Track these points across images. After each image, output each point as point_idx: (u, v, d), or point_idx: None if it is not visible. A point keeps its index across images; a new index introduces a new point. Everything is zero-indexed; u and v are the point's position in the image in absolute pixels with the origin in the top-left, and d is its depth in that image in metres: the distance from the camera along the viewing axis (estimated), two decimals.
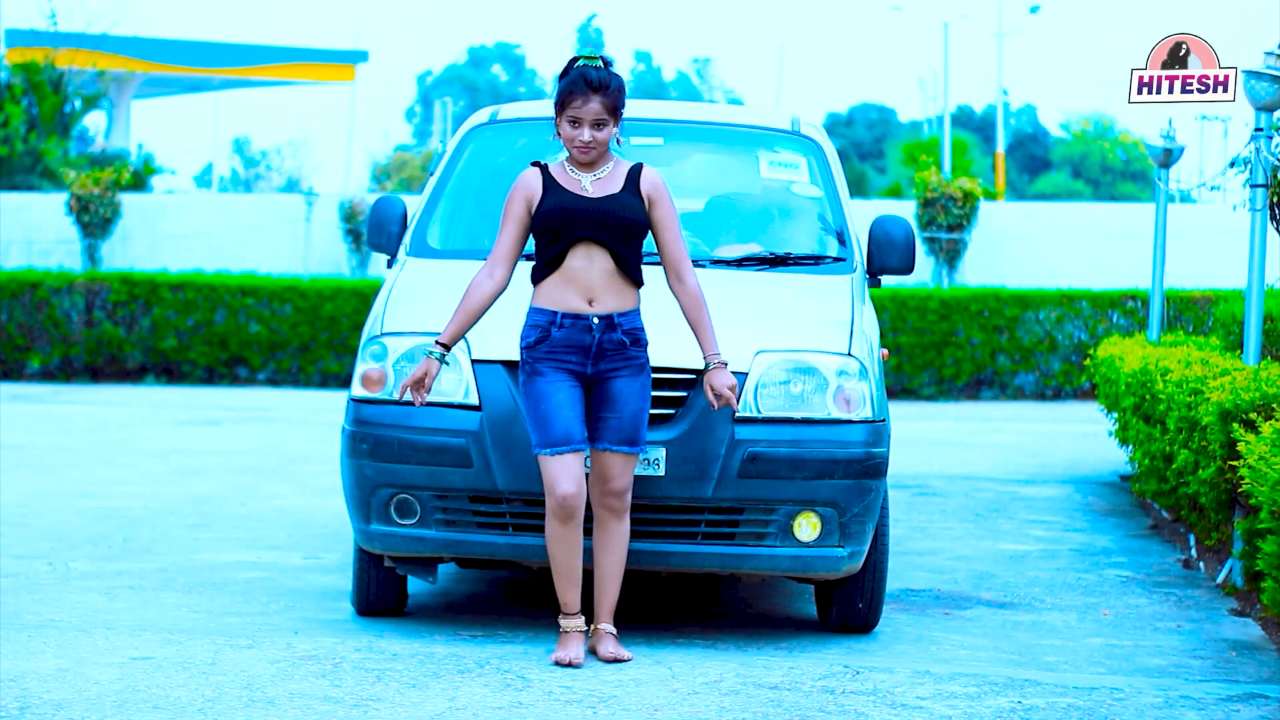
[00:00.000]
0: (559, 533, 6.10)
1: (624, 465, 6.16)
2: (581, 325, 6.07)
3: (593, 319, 6.07)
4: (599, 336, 6.08)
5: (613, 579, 6.22)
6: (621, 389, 6.12)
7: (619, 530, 6.20)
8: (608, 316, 6.09)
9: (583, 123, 6.06)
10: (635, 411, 6.12)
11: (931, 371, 20.70)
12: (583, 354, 6.09)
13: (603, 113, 6.05)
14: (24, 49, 37.34)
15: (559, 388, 6.07)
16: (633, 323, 6.14)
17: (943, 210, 23.79)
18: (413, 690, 5.79)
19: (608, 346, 6.09)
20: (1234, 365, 8.49)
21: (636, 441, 6.15)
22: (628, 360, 6.13)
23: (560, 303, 6.08)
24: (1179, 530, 9.83)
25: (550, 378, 6.07)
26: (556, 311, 6.08)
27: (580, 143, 6.07)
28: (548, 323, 6.08)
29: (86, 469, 12.08)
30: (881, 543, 6.87)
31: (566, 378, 6.09)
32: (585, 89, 6.04)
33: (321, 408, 17.47)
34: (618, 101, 6.10)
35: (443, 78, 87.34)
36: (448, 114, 56.89)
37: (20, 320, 21.04)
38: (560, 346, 6.08)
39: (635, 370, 6.14)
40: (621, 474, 6.16)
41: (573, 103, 6.05)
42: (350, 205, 25.90)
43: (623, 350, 6.11)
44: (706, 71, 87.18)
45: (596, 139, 6.08)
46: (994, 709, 5.76)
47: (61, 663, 6.05)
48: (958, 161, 46.43)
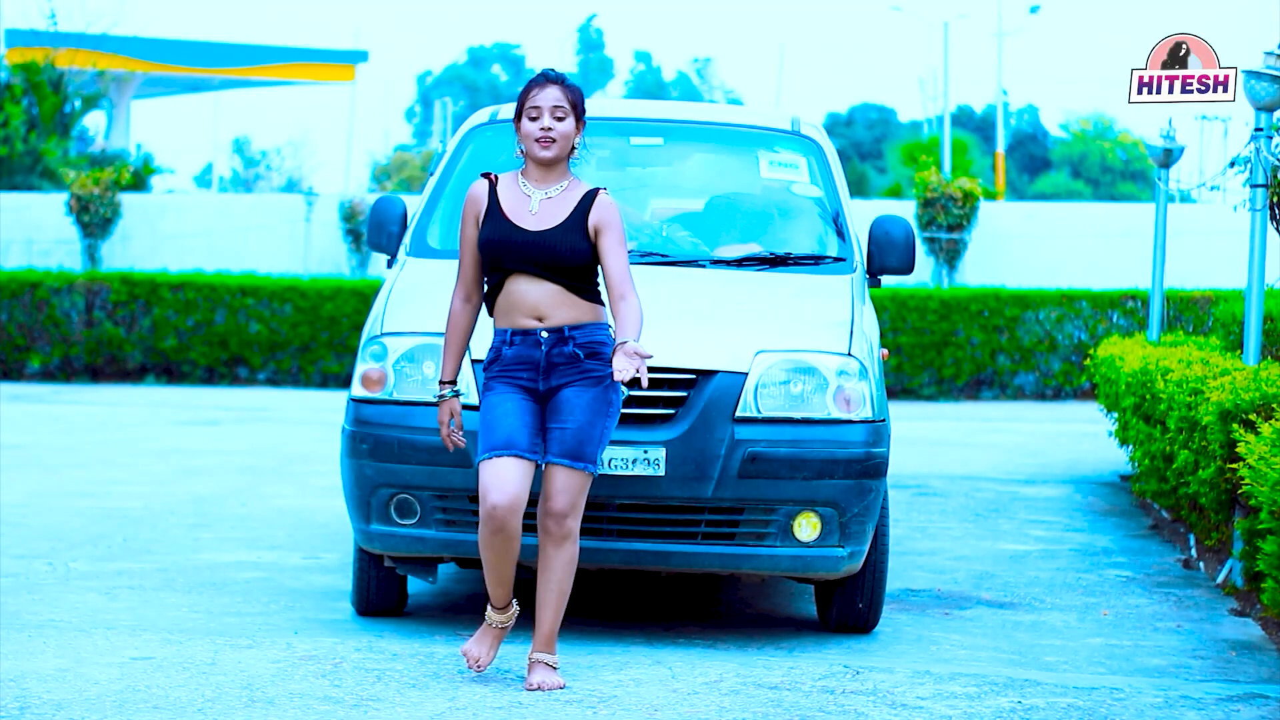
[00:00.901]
0: (487, 540, 5.78)
1: (566, 482, 5.78)
2: (531, 340, 5.84)
3: (541, 333, 5.83)
4: (547, 349, 5.83)
5: (549, 606, 5.82)
6: (569, 398, 5.81)
7: (557, 557, 5.80)
8: (558, 329, 5.83)
9: (543, 111, 5.86)
10: (581, 424, 5.78)
11: (931, 371, 20.70)
12: (533, 369, 5.84)
13: (562, 100, 5.87)
14: (24, 49, 37.34)
15: (508, 399, 5.84)
16: (590, 336, 5.85)
17: (943, 210, 23.79)
18: (413, 690, 5.79)
19: (558, 360, 5.83)
20: (1234, 365, 8.49)
21: (581, 456, 5.77)
22: (583, 373, 5.83)
23: (510, 321, 5.87)
24: (1179, 530, 9.83)
25: (499, 391, 5.86)
26: (508, 330, 5.88)
27: (540, 131, 5.85)
28: (500, 342, 5.90)
29: (86, 469, 12.08)
30: (881, 543, 6.87)
31: (519, 392, 5.86)
32: (543, 81, 5.92)
33: (321, 408, 17.47)
34: (577, 98, 5.93)
35: (443, 78, 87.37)
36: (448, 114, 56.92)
37: (20, 320, 21.04)
38: (512, 363, 5.86)
39: (591, 382, 5.82)
40: (561, 492, 5.77)
41: (530, 95, 5.89)
42: (350, 205, 25.90)
43: (576, 363, 5.83)
44: (706, 71, 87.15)
45: (557, 129, 5.86)
46: (994, 709, 5.76)
47: (61, 663, 6.05)
48: (958, 161, 46.44)
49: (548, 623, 5.85)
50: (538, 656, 5.86)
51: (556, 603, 5.83)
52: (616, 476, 6.40)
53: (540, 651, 5.86)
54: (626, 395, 6.42)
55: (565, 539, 5.81)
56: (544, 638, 5.86)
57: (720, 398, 6.46)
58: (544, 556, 5.83)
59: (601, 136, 7.72)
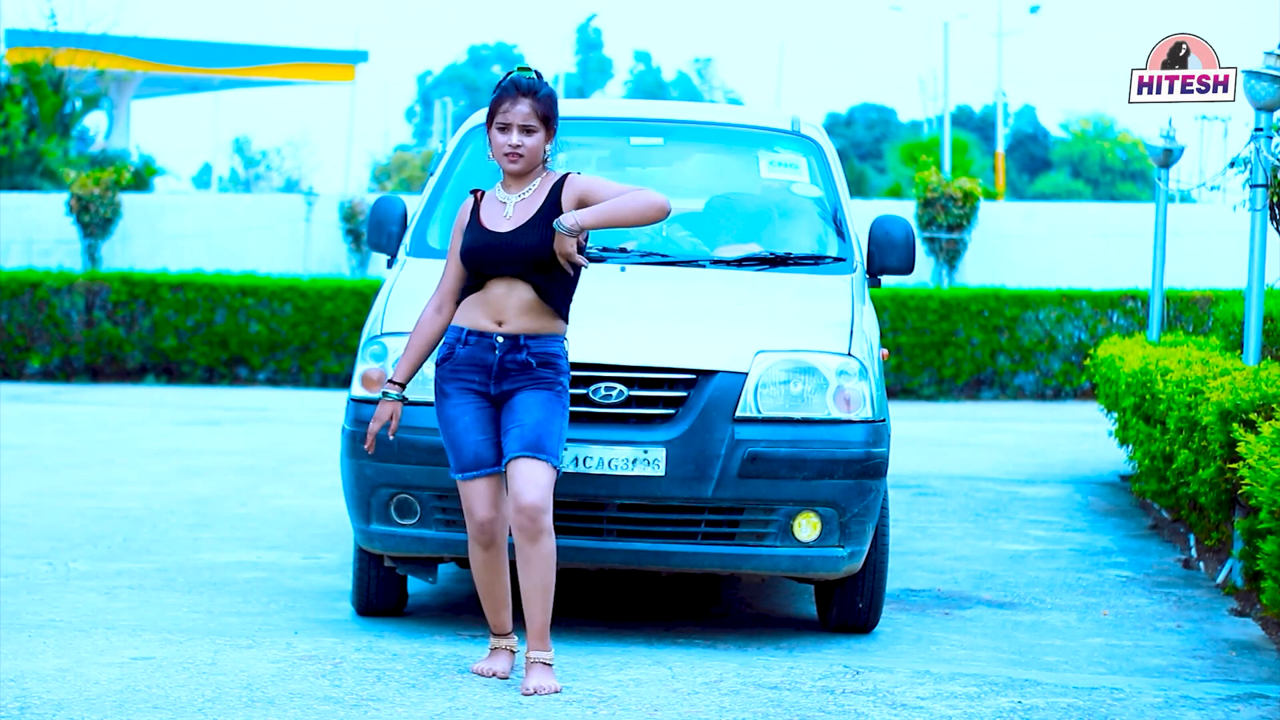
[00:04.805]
0: (480, 558, 5.93)
1: (530, 473, 5.76)
2: (485, 344, 5.86)
3: (496, 337, 5.86)
4: (500, 355, 5.85)
5: (535, 603, 5.82)
6: (523, 399, 5.83)
7: (535, 554, 5.77)
8: (514, 337, 5.85)
9: (511, 127, 5.87)
10: (539, 419, 5.79)
11: (931, 371, 20.70)
12: (484, 372, 5.87)
13: (532, 117, 5.87)
14: (24, 49, 37.33)
15: (465, 410, 5.89)
16: (545, 347, 5.86)
17: (943, 210, 23.79)
18: (413, 690, 5.79)
19: (510, 366, 5.85)
20: (1234, 365, 8.49)
21: (542, 449, 5.77)
22: (534, 379, 5.86)
23: (470, 320, 5.90)
24: (1179, 530, 9.83)
25: (455, 399, 5.90)
26: (464, 328, 5.91)
27: (509, 147, 5.88)
28: (454, 340, 5.92)
29: (86, 469, 12.08)
30: (881, 543, 6.87)
31: (472, 398, 5.89)
32: (514, 93, 5.89)
33: (321, 408, 17.48)
34: (549, 110, 5.91)
35: (443, 78, 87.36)
36: (448, 114, 56.91)
37: (20, 320, 21.05)
38: (463, 364, 5.89)
39: (542, 385, 5.84)
40: (528, 484, 5.75)
41: (501, 107, 5.89)
42: (350, 205, 25.90)
43: (528, 370, 5.85)
44: (706, 71, 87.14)
45: (526, 145, 5.87)
46: (994, 709, 5.76)
47: (61, 663, 6.05)
48: (958, 161, 46.44)
49: (537, 620, 5.84)
50: (535, 656, 5.86)
51: (542, 599, 5.81)
52: (616, 476, 6.40)
53: (536, 650, 5.85)
54: (626, 396, 6.43)
55: (540, 534, 5.76)
56: (536, 634, 5.85)
57: (720, 398, 6.46)
58: (522, 556, 5.81)
59: (601, 136, 7.72)
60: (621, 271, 7.03)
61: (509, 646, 6.04)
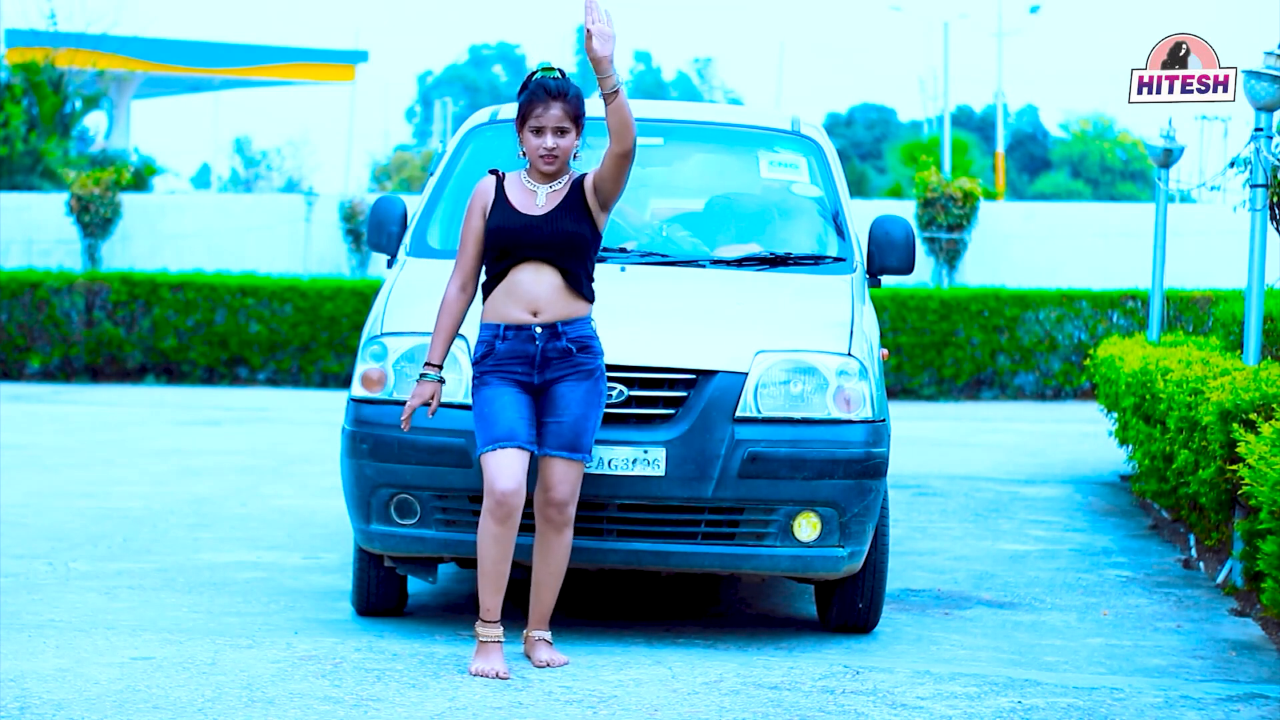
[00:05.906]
0: (492, 532, 5.95)
1: (565, 473, 6.05)
2: (525, 335, 6.05)
3: (535, 328, 6.05)
4: (542, 345, 6.04)
5: (548, 587, 6.15)
6: (564, 393, 6.05)
7: (558, 543, 6.11)
8: (551, 325, 6.06)
9: (545, 130, 6.07)
10: (577, 417, 6.05)
11: (931, 371, 20.70)
12: (528, 363, 6.05)
13: (564, 119, 6.06)
14: (24, 49, 37.32)
15: (504, 392, 6.04)
16: (580, 330, 6.08)
17: (943, 210, 23.79)
18: (413, 690, 5.79)
19: (552, 355, 6.05)
20: (1234, 365, 8.49)
21: (578, 448, 6.05)
22: (575, 366, 6.07)
23: (504, 316, 6.07)
24: (1179, 530, 9.83)
25: (496, 386, 6.05)
26: (500, 324, 6.07)
27: (544, 150, 6.07)
28: (492, 337, 6.08)
29: (86, 469, 12.08)
30: (881, 543, 6.87)
31: (513, 386, 6.06)
32: (545, 97, 6.07)
33: (321, 408, 17.48)
34: (579, 109, 6.11)
35: (443, 78, 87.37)
36: (448, 114, 56.86)
37: (20, 320, 21.04)
38: (505, 358, 6.06)
39: (582, 375, 6.07)
40: (562, 482, 6.05)
41: (534, 111, 6.07)
42: (350, 205, 25.89)
43: (569, 357, 6.06)
44: (706, 71, 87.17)
45: (560, 146, 6.07)
46: (994, 709, 5.76)
47: (61, 663, 6.05)
48: (958, 161, 46.43)
49: (545, 602, 6.16)
50: (538, 635, 6.18)
51: (554, 584, 6.15)
52: (616, 476, 6.40)
53: (537, 629, 6.19)
54: (626, 396, 6.44)
55: (565, 525, 6.10)
56: (540, 615, 6.18)
57: (720, 398, 6.46)
58: (544, 543, 6.12)
59: (602, 136, 7.71)
60: (621, 271, 7.03)
61: (498, 638, 6.04)
